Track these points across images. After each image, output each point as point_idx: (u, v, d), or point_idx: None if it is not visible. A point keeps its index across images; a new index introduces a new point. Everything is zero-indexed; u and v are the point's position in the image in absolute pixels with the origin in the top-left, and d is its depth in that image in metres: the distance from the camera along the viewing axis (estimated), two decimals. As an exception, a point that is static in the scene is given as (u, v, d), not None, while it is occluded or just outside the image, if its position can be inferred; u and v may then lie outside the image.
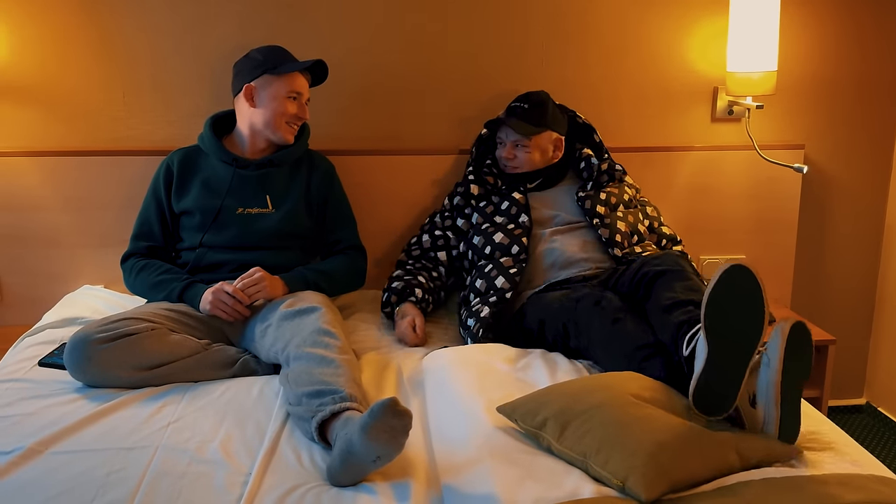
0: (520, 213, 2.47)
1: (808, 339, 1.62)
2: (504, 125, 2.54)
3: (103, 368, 1.97)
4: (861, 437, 3.07)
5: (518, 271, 2.36)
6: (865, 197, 3.06)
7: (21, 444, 1.70)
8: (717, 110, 2.88)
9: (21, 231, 2.67)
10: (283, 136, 2.39)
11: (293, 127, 2.41)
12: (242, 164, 2.40)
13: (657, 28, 2.81)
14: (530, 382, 1.93)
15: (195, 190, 2.39)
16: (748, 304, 1.61)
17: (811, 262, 3.09)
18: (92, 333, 1.99)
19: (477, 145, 2.65)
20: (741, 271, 1.62)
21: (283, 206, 2.40)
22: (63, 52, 2.61)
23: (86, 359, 1.96)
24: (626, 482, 1.45)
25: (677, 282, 2.00)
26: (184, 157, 2.45)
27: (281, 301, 2.19)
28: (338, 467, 1.58)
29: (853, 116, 2.98)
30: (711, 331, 1.65)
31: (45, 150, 2.64)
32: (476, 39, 2.75)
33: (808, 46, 2.89)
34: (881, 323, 3.15)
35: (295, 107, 2.39)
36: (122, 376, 1.99)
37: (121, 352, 1.99)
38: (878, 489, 1.47)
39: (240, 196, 2.38)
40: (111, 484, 1.57)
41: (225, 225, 2.36)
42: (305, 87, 2.42)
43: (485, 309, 2.29)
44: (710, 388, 1.64)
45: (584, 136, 2.68)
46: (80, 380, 2.00)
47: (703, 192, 2.91)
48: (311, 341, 1.95)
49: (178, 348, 2.07)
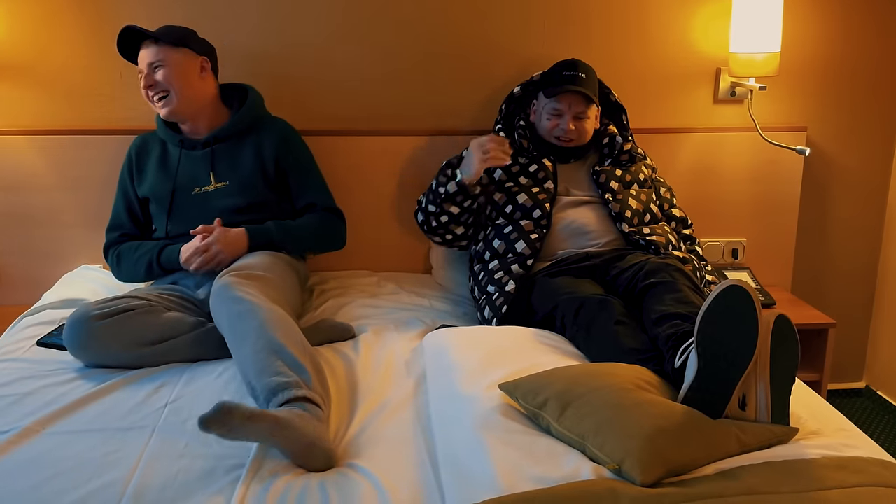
0: (547, 178, 2.45)
1: (792, 331, 1.62)
2: (568, 93, 2.42)
3: (103, 344, 1.98)
4: (860, 420, 3.07)
5: (539, 237, 2.35)
6: (867, 180, 3.04)
7: (18, 423, 1.70)
8: (720, 91, 2.86)
9: (19, 210, 2.66)
10: (156, 110, 2.38)
11: (154, 101, 2.35)
12: (189, 144, 2.40)
13: (659, 8, 2.78)
14: (535, 364, 1.91)
15: (150, 175, 2.40)
16: (742, 326, 1.60)
17: (812, 245, 3.08)
18: (91, 310, 2.00)
19: (507, 103, 2.60)
20: (738, 292, 1.61)
21: (236, 177, 2.37)
22: (61, 31, 2.59)
23: (86, 335, 1.97)
24: (622, 465, 1.45)
25: (668, 294, 1.99)
26: (141, 143, 2.47)
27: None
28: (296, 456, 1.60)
29: (856, 99, 2.95)
30: (703, 348, 1.63)
31: (43, 129, 2.63)
32: (476, 19, 2.73)
33: (812, 28, 2.86)
34: (881, 307, 3.15)
35: (142, 81, 2.35)
36: (122, 352, 1.99)
37: (120, 327, 1.99)
38: (878, 472, 1.47)
39: (191, 176, 2.38)
40: (108, 464, 1.57)
41: (185, 208, 2.36)
42: (143, 58, 2.34)
43: (510, 283, 2.27)
44: (697, 402, 1.63)
45: (613, 115, 2.64)
46: (80, 358, 2.00)
47: (704, 174, 2.90)
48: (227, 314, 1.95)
49: (176, 324, 2.08)
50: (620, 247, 2.40)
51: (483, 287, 2.35)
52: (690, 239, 2.63)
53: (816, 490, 1.39)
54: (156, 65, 2.32)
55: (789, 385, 1.63)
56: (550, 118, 2.47)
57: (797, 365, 1.65)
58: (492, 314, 2.26)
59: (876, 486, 1.42)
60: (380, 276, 2.74)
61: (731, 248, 2.96)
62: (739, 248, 2.96)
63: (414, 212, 2.55)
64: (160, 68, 2.31)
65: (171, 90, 2.32)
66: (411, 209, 2.77)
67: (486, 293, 2.32)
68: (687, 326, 1.83)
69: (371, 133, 2.74)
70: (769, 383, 1.59)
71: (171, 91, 2.32)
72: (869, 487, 1.41)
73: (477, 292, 2.39)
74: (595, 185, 2.49)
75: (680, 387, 1.71)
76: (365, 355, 2.11)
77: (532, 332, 2.08)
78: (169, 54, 2.32)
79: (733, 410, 1.63)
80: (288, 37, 2.66)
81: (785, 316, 1.61)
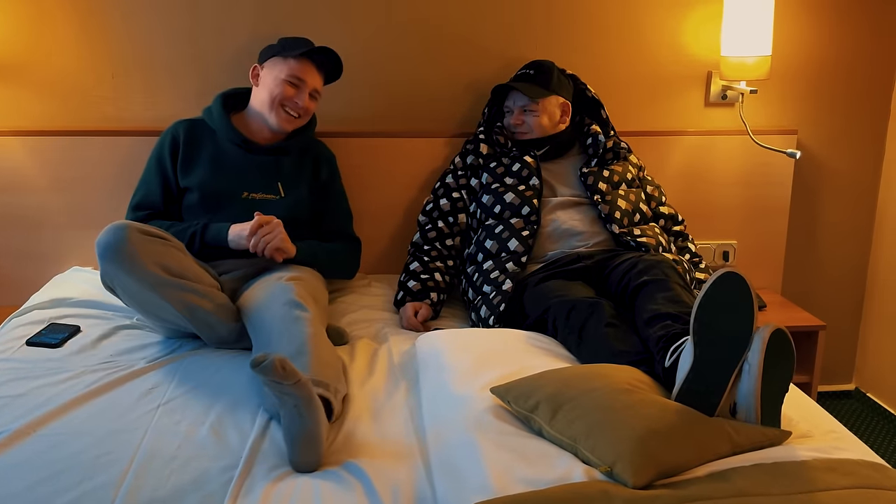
0: (531, 175, 2.47)
1: (789, 346, 1.62)
2: (512, 91, 2.55)
3: (136, 254, 1.95)
4: (850, 422, 3.09)
5: (531, 234, 2.37)
6: (857, 183, 3.06)
7: (9, 425, 1.69)
8: (711, 95, 2.87)
9: (9, 211, 2.65)
10: (277, 120, 2.34)
11: (290, 114, 2.35)
12: (253, 147, 2.36)
13: (651, 11, 2.79)
14: (527, 366, 1.92)
15: (202, 168, 2.34)
16: (738, 313, 1.61)
17: (802, 248, 3.10)
18: (132, 224, 2.00)
19: (489, 107, 2.66)
20: (733, 279, 1.62)
21: (293, 193, 2.38)
22: (53, 31, 2.58)
23: (126, 238, 1.94)
24: (613, 467, 1.45)
25: (659, 293, 2.00)
26: (190, 129, 2.40)
27: (268, 273, 2.21)
28: (291, 451, 1.59)
29: (846, 102, 2.97)
30: (699, 336, 1.64)
31: (34, 130, 2.61)
32: (472, 23, 2.73)
33: (802, 31, 2.88)
34: (871, 309, 3.16)
35: (292, 91, 2.33)
36: (149, 269, 1.96)
37: (154, 246, 2.00)
38: (868, 474, 1.48)
39: (248, 181, 2.35)
40: (100, 467, 1.56)
41: (228, 209, 2.32)
42: (313, 77, 2.37)
43: (507, 281, 2.28)
44: (692, 395, 1.63)
45: (592, 111, 2.68)
46: (109, 263, 1.96)
47: (695, 177, 2.91)
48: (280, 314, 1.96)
49: (201, 273, 2.11)
50: (610, 247, 2.41)
51: (479, 287, 2.36)
52: (682, 235, 2.64)
53: (807, 492, 1.40)
54: (315, 92, 2.39)
55: (780, 398, 1.64)
56: (506, 116, 2.60)
57: (790, 380, 1.64)
58: (489, 312, 2.26)
59: (866, 488, 1.43)
60: (371, 277, 2.75)
61: (722, 250, 2.97)
62: (730, 251, 2.97)
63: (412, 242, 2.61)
64: (314, 98, 2.40)
65: (302, 118, 2.40)
66: (401, 212, 2.79)
67: (483, 293, 2.33)
68: (677, 328, 1.84)
69: (364, 135, 2.74)
70: (759, 398, 1.59)
71: (302, 119, 2.40)
72: (859, 489, 1.42)
73: (472, 293, 2.40)
74: (583, 186, 2.50)
75: (671, 388, 1.71)
76: (358, 357, 2.11)
77: (524, 335, 2.09)
78: (322, 88, 2.43)
79: (724, 413, 1.64)
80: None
81: (782, 331, 1.60)
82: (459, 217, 2.55)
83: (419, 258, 2.51)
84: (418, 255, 2.52)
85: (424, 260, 2.50)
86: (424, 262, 2.49)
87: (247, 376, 1.95)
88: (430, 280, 2.44)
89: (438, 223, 2.55)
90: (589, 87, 2.67)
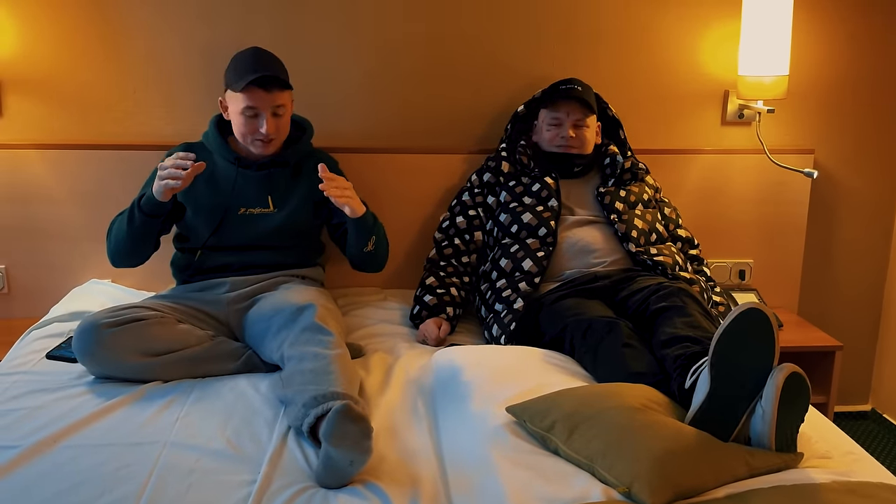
0: (550, 196, 2.47)
1: (805, 388, 1.60)
2: (564, 102, 2.52)
3: (112, 353, 1.98)
4: (866, 443, 3.06)
5: (545, 255, 2.37)
6: (874, 203, 3.05)
7: (30, 438, 1.71)
8: (728, 114, 2.88)
9: (30, 224, 2.67)
10: (254, 150, 2.32)
11: (262, 142, 2.29)
12: (245, 163, 2.37)
13: (668, 30, 2.80)
14: (544, 384, 1.91)
15: (200, 186, 2.35)
16: (757, 350, 1.60)
17: (819, 267, 3.09)
18: (101, 318, 2.02)
19: (512, 122, 2.65)
20: (757, 315, 1.61)
21: (286, 206, 2.38)
22: (75, 46, 2.61)
23: (95, 342, 1.98)
24: (631, 488, 1.45)
25: (678, 317, 2.00)
26: (189, 150, 2.38)
27: (278, 295, 2.20)
28: (321, 471, 1.59)
29: (863, 122, 2.97)
30: (717, 369, 1.64)
31: (56, 143, 2.64)
32: (487, 40, 2.75)
33: (819, 51, 2.88)
34: (888, 329, 3.15)
35: (253, 123, 2.25)
36: (130, 361, 2.00)
37: (129, 336, 2.01)
38: (888, 497, 1.47)
39: (243, 196, 2.36)
40: (120, 479, 1.57)
41: (228, 226, 2.34)
42: (265, 101, 2.23)
43: (518, 300, 2.29)
44: (706, 423, 1.63)
45: (610, 130, 2.68)
46: (88, 366, 2.01)
47: (711, 196, 2.91)
48: (303, 339, 1.97)
49: (185, 336, 2.09)
50: (627, 266, 2.41)
51: (491, 305, 2.36)
52: (698, 259, 2.64)
53: (826, 514, 1.39)
54: (278, 108, 2.27)
55: (794, 435, 1.62)
56: (550, 129, 2.54)
57: (804, 416, 1.63)
58: (500, 331, 2.27)
59: (885, 511, 1.42)
60: (386, 292, 2.75)
61: (739, 269, 2.96)
62: (746, 270, 2.97)
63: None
64: (279, 115, 2.28)
65: (278, 137, 2.31)
66: (417, 228, 2.80)
67: (494, 311, 2.33)
68: (696, 348, 1.84)
69: (381, 151, 2.76)
70: (773, 439, 1.58)
71: (278, 138, 2.31)
72: (878, 512, 1.42)
73: (484, 311, 2.40)
74: (600, 206, 2.51)
75: (687, 407, 1.71)
76: (374, 372, 2.11)
77: (540, 353, 2.09)
78: (287, 99, 2.30)
79: (739, 442, 1.63)
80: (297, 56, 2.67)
81: (798, 374, 1.59)
82: (475, 234, 2.56)
83: (435, 273, 2.51)
84: (434, 271, 2.53)
85: (440, 275, 2.50)
86: (440, 276, 2.50)
87: (262, 392, 1.96)
88: (445, 294, 2.45)
89: (455, 240, 2.55)
90: (610, 107, 2.68)
